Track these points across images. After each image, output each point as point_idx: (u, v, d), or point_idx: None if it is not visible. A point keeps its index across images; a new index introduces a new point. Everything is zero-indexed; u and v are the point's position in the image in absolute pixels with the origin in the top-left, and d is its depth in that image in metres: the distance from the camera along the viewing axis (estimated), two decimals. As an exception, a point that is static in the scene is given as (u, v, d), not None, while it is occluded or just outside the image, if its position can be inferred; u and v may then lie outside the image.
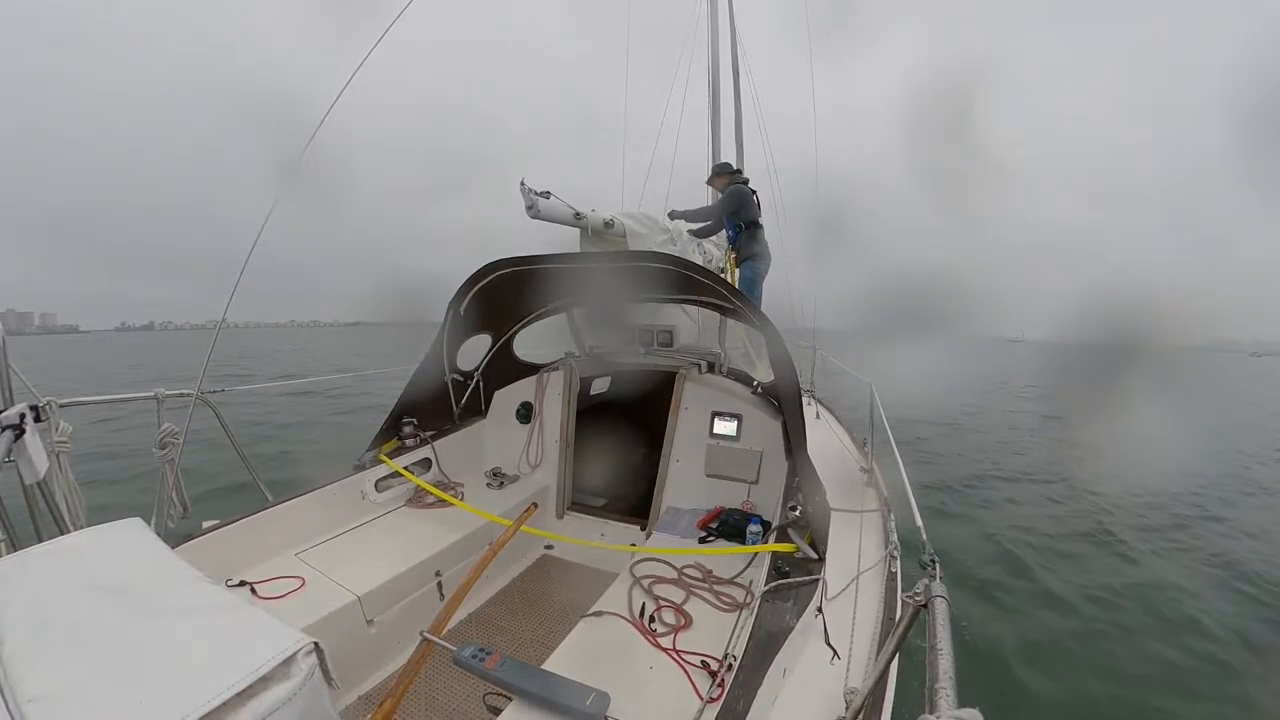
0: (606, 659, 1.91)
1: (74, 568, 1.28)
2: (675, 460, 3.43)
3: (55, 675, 0.96)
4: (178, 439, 2.44)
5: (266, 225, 2.45)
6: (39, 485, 1.86)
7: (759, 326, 2.77)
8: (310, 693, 1.01)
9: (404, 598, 2.50)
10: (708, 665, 1.83)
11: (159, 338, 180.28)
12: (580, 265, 3.21)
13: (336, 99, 2.49)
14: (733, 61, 7.62)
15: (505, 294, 3.27)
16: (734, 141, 7.45)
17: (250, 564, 2.38)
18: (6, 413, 1.76)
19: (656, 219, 4.00)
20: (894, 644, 1.22)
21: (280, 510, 2.60)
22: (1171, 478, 8.18)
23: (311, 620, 2.09)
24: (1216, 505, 7.50)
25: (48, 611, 1.12)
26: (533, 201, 3.07)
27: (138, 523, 1.54)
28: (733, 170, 5.44)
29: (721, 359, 3.78)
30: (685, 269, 2.71)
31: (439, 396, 3.60)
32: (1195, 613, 4.46)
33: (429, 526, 2.94)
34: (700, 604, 2.24)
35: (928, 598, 1.15)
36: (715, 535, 2.87)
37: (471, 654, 1.67)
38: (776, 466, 3.02)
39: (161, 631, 1.10)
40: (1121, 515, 6.69)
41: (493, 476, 3.64)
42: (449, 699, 2.23)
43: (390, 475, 3.14)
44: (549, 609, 2.90)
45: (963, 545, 5.64)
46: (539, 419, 3.83)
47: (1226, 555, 5.74)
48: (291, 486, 2.79)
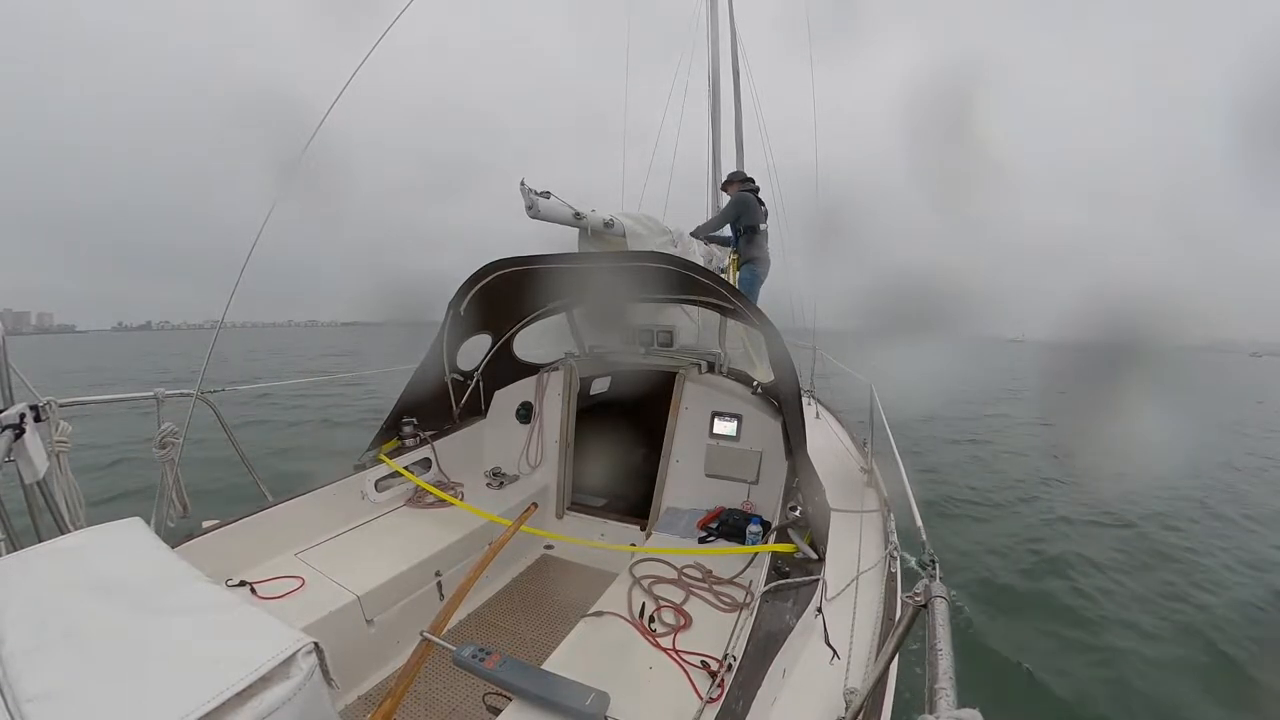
0: (606, 659, 1.91)
1: (74, 567, 1.28)
2: (675, 460, 3.43)
3: (55, 675, 0.95)
4: (178, 439, 2.44)
5: (265, 225, 2.46)
6: (39, 485, 1.86)
7: (759, 326, 2.77)
8: (310, 693, 1.01)
9: (404, 598, 2.50)
10: (707, 665, 1.83)
11: (156, 337, 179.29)
12: (580, 265, 3.21)
13: (336, 99, 2.50)
14: (733, 62, 7.62)
15: (505, 294, 3.27)
16: (734, 142, 7.46)
17: (250, 564, 2.38)
18: (6, 412, 1.76)
19: (657, 220, 4.00)
20: (894, 644, 1.22)
21: (280, 510, 2.60)
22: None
23: (311, 620, 2.09)
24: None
25: (47, 611, 1.12)
26: (532, 201, 3.07)
27: (138, 522, 1.54)
28: (743, 178, 5.56)
29: (721, 359, 3.77)
30: (685, 269, 2.72)
31: (439, 396, 3.59)
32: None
33: (429, 526, 2.94)
34: (700, 604, 2.24)
35: (928, 598, 1.15)
36: (715, 535, 2.87)
37: (471, 654, 1.67)
38: (776, 467, 3.02)
39: (161, 631, 1.10)
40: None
41: (492, 476, 3.63)
42: (449, 699, 2.23)
43: (390, 475, 3.14)
44: (549, 609, 2.90)
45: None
46: (539, 419, 3.83)
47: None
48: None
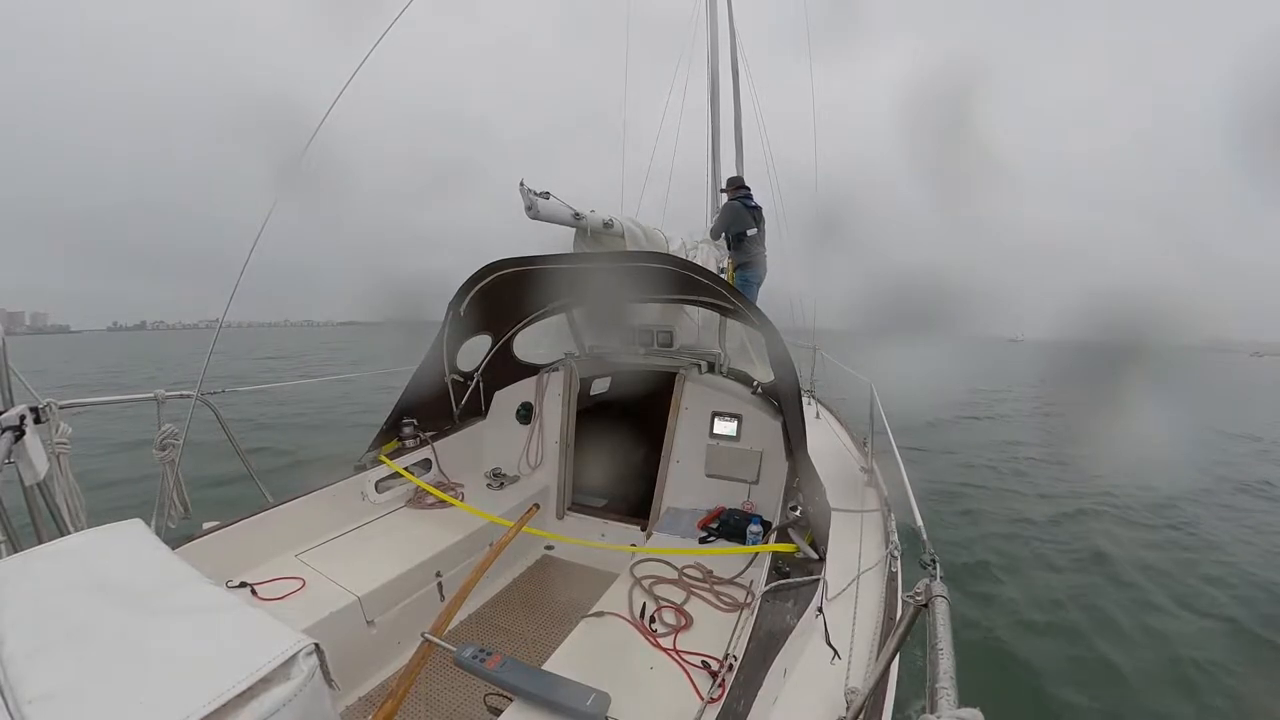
0: (607, 659, 1.91)
1: (74, 569, 1.28)
2: (675, 460, 3.43)
3: (55, 676, 0.96)
4: (178, 440, 2.44)
5: (265, 226, 2.46)
6: (39, 486, 1.86)
7: (759, 327, 2.77)
8: (311, 694, 1.01)
9: (404, 598, 2.50)
10: (708, 665, 1.83)
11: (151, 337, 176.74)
12: (580, 266, 3.21)
13: (336, 99, 2.50)
14: (732, 63, 7.63)
15: (505, 294, 3.27)
16: (733, 143, 7.47)
17: (251, 565, 2.38)
18: (7, 414, 1.77)
19: (660, 230, 4.00)
20: (894, 644, 1.22)
21: (280, 511, 2.60)
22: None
23: (312, 621, 2.09)
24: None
25: (48, 612, 1.12)
26: (532, 202, 3.07)
27: (138, 524, 1.54)
28: (737, 185, 5.56)
29: (721, 359, 3.77)
30: (685, 269, 2.72)
31: (439, 397, 3.59)
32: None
33: (429, 527, 2.94)
34: (701, 604, 2.24)
35: (928, 598, 1.15)
36: (715, 535, 2.86)
37: (472, 655, 1.67)
38: (776, 466, 3.02)
39: (162, 633, 1.10)
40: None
41: (493, 477, 3.63)
42: (450, 700, 2.23)
43: (390, 476, 3.14)
44: (549, 609, 2.90)
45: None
46: (539, 419, 3.83)
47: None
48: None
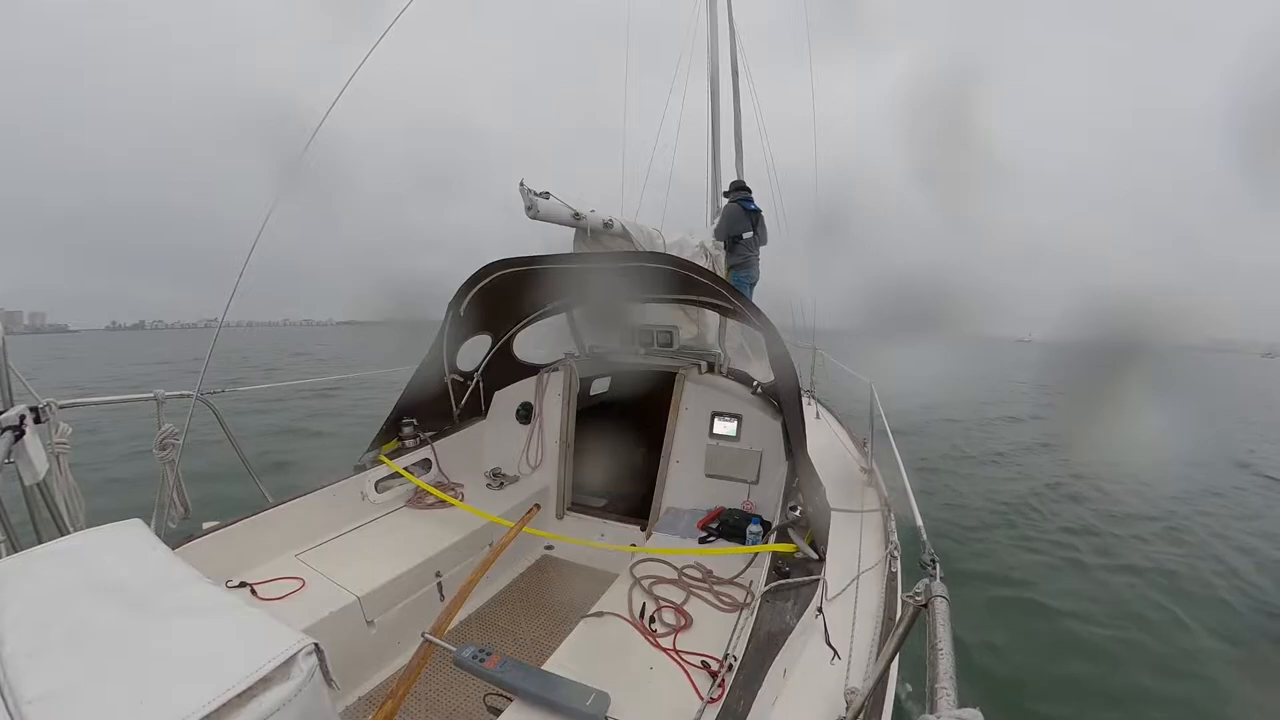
0: (607, 659, 1.91)
1: (74, 569, 1.28)
2: (675, 460, 3.43)
3: (55, 676, 0.95)
4: (178, 440, 2.44)
5: (264, 226, 2.46)
6: (39, 486, 1.86)
7: (759, 327, 2.77)
8: (310, 694, 1.01)
9: (404, 598, 2.50)
10: (708, 665, 1.83)
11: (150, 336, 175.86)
12: (580, 265, 3.21)
13: (336, 99, 2.50)
14: (732, 64, 7.61)
15: (505, 294, 3.27)
16: (734, 145, 7.46)
17: (250, 565, 2.38)
18: (6, 414, 1.76)
19: (660, 231, 3.99)
20: (894, 644, 1.22)
21: (280, 511, 2.60)
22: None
23: (312, 621, 2.09)
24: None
25: (48, 612, 1.12)
26: (532, 202, 3.07)
27: (138, 524, 1.54)
28: (738, 187, 5.58)
29: (721, 359, 3.77)
30: (685, 269, 2.72)
31: (439, 397, 3.59)
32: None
33: (429, 527, 2.94)
34: (700, 604, 2.24)
35: (928, 598, 1.15)
36: (715, 535, 2.86)
37: (472, 655, 1.67)
38: (776, 466, 3.02)
39: (162, 632, 1.10)
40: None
41: (492, 477, 3.63)
42: (450, 700, 2.23)
43: (390, 476, 3.14)
44: (549, 609, 2.90)
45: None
46: (539, 419, 3.83)
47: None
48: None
